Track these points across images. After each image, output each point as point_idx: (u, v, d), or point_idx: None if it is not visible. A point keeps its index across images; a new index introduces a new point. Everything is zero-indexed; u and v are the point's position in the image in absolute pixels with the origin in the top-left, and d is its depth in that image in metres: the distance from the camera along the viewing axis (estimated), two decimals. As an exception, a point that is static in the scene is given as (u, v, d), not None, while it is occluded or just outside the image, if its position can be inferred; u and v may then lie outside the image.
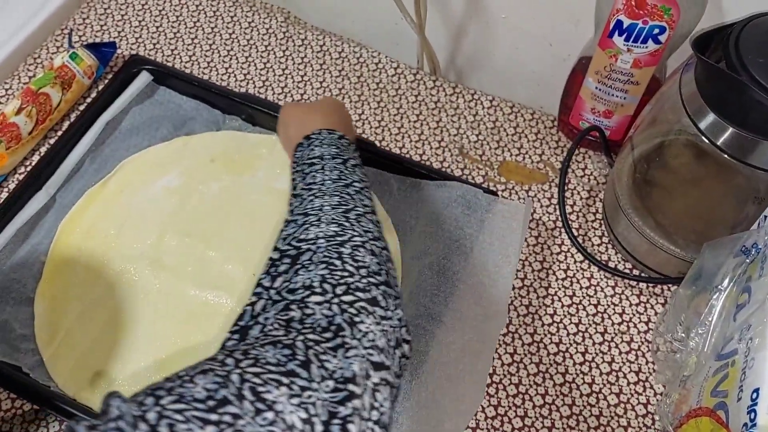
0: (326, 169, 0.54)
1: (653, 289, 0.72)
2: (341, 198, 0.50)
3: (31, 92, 0.80)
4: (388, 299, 0.44)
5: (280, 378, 0.37)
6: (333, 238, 0.46)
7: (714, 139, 0.58)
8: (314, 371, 0.38)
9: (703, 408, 0.54)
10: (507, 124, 0.83)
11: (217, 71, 0.87)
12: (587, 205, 0.77)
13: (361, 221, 0.48)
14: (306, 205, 0.50)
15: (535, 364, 0.68)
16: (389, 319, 0.43)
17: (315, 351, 0.39)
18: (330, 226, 0.47)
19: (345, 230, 0.47)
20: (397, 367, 0.43)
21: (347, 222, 0.48)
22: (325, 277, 0.43)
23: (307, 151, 0.57)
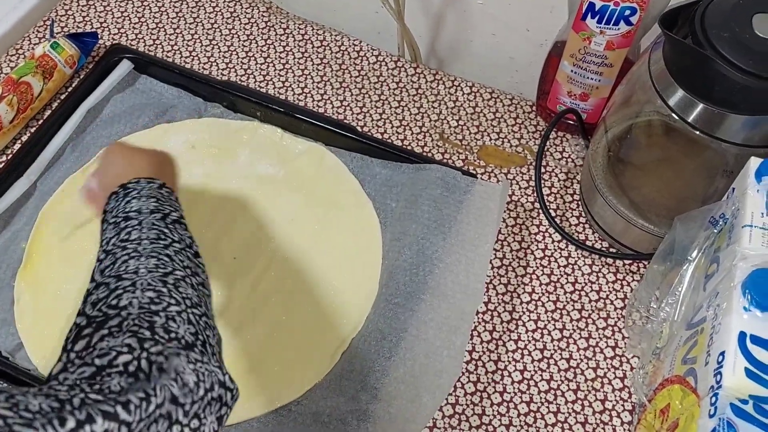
0: (144, 225, 0.48)
1: (629, 267, 0.73)
2: (159, 260, 0.46)
3: (12, 81, 0.80)
4: (205, 353, 0.41)
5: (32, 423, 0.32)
6: (147, 305, 0.42)
7: (683, 115, 0.60)
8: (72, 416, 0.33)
9: (675, 376, 0.55)
10: (486, 110, 0.84)
11: (199, 60, 0.88)
12: (564, 186, 0.78)
13: (179, 287, 0.44)
14: (119, 267, 0.45)
15: (514, 341, 0.69)
16: (205, 363, 0.40)
17: (88, 400, 0.34)
18: (146, 292, 0.43)
19: (161, 297, 0.43)
20: (210, 413, 0.39)
21: (164, 287, 0.44)
22: (131, 345, 0.39)
23: (123, 203, 0.51)
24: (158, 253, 0.46)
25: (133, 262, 0.45)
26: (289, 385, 0.65)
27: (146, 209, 0.50)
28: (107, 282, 0.44)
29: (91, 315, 0.42)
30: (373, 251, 0.72)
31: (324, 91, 0.85)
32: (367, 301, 0.69)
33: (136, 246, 0.47)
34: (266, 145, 0.80)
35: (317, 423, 0.62)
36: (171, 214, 0.51)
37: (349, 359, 0.66)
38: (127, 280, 0.44)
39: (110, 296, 0.43)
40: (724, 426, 0.43)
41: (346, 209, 0.75)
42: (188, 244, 0.50)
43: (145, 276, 0.44)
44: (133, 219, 0.49)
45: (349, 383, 0.64)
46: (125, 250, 0.46)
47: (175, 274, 0.45)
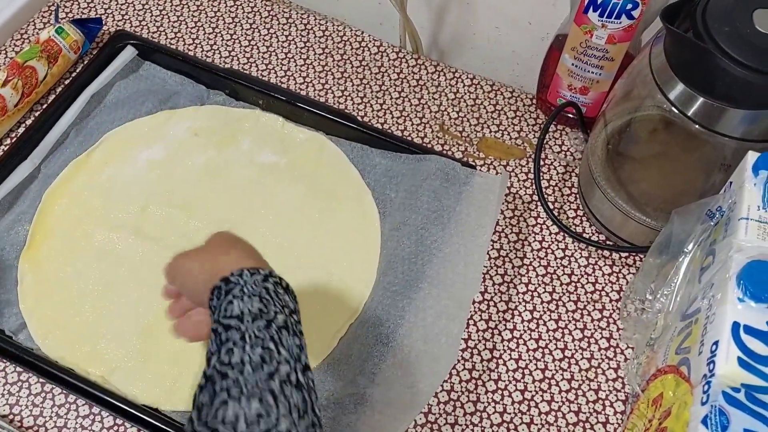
0: (247, 340, 0.43)
1: (626, 260, 0.74)
2: (261, 404, 0.40)
3: (17, 65, 0.81)
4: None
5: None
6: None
7: (683, 109, 0.60)
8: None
9: (669, 366, 0.56)
10: (487, 102, 0.85)
11: (202, 48, 0.88)
12: (563, 179, 0.79)
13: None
14: (217, 412, 0.40)
15: (509, 331, 0.69)
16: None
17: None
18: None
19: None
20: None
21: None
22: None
23: (225, 302, 0.45)
24: (261, 390, 0.41)
25: (232, 408, 0.40)
26: (287, 369, 0.66)
27: (249, 314, 0.44)
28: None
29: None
30: (372, 240, 0.73)
31: (325, 80, 0.86)
32: (366, 288, 0.70)
33: (237, 376, 0.41)
34: (268, 133, 0.80)
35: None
36: (277, 317, 0.45)
37: (347, 344, 0.66)
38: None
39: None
40: (715, 413, 0.44)
41: (346, 199, 0.76)
42: (296, 355, 0.44)
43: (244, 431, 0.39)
44: (235, 329, 0.44)
45: (347, 368, 0.65)
46: (225, 381, 0.41)
47: (278, 426, 0.40)
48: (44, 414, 0.65)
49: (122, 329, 0.69)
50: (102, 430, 0.65)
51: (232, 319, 0.44)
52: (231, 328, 0.44)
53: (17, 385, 0.66)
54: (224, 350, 0.43)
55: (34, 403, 0.66)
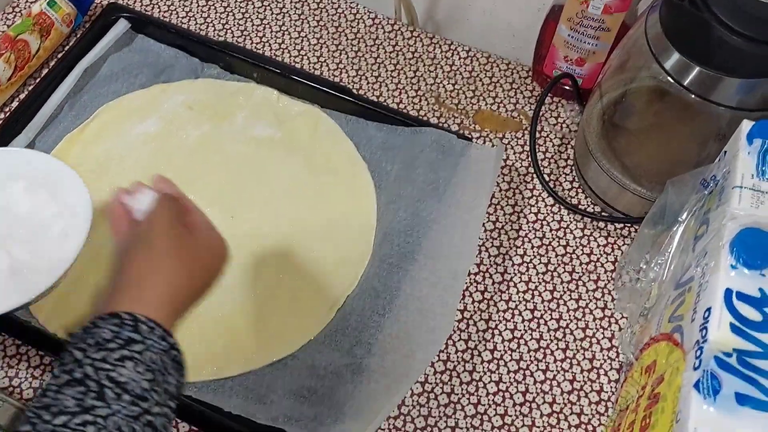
0: (109, 425, 0.38)
1: (621, 231, 0.74)
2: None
3: (10, 39, 0.80)
4: None
5: None
6: None
7: (678, 79, 0.60)
8: None
9: (662, 334, 0.56)
10: (483, 75, 0.84)
11: (195, 21, 0.88)
12: (559, 152, 0.79)
13: None
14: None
15: (505, 302, 0.70)
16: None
17: None
18: None
19: None
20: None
21: None
22: None
23: (118, 351, 0.41)
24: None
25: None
26: (285, 340, 0.66)
27: (131, 391, 0.40)
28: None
29: None
30: (368, 213, 0.73)
31: (320, 53, 0.85)
32: (362, 260, 0.70)
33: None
34: (263, 106, 0.80)
35: (313, 376, 0.63)
36: (152, 409, 0.40)
37: (344, 316, 0.67)
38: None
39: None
40: (707, 377, 0.45)
41: (341, 171, 0.76)
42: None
43: None
44: (106, 403, 0.39)
45: (344, 338, 0.65)
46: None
47: None
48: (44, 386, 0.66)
49: (120, 302, 0.69)
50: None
51: (113, 386, 0.39)
52: (103, 399, 0.39)
53: (16, 358, 0.67)
54: (80, 420, 0.38)
55: (33, 376, 0.66)
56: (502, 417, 0.64)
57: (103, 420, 0.38)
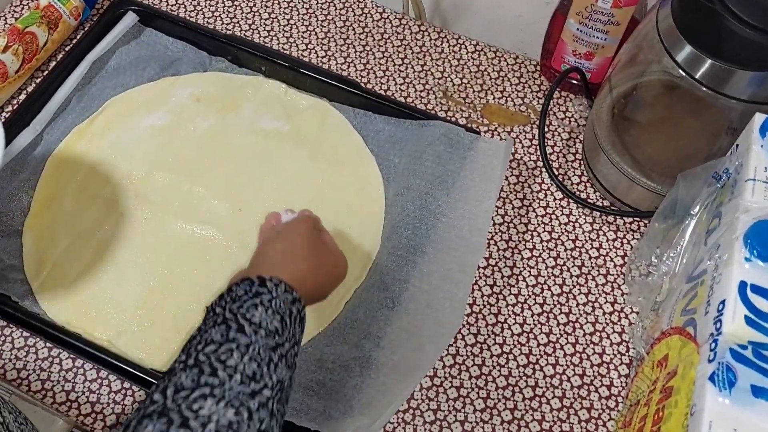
0: (250, 352, 0.44)
1: (630, 225, 0.74)
2: (237, 414, 0.41)
3: (18, 31, 0.80)
4: None
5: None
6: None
7: (690, 72, 0.60)
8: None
9: (674, 328, 0.56)
10: (491, 68, 0.84)
11: (203, 15, 0.87)
12: (567, 146, 0.79)
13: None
14: (196, 401, 0.41)
15: (514, 296, 0.70)
16: None
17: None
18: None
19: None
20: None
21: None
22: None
23: (250, 302, 0.47)
24: (241, 402, 0.42)
25: (208, 405, 0.41)
26: (293, 333, 0.66)
27: (264, 329, 0.46)
28: (171, 415, 0.40)
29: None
30: (376, 206, 0.73)
31: (328, 47, 0.85)
32: (370, 253, 0.70)
33: (226, 378, 0.42)
34: (271, 99, 0.80)
35: (322, 369, 0.63)
36: (284, 344, 0.47)
37: (353, 309, 0.67)
38: (197, 422, 0.40)
39: None
40: (723, 369, 0.44)
41: (349, 164, 0.76)
42: (282, 387, 0.45)
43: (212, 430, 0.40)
44: (246, 335, 0.45)
45: (353, 332, 0.65)
46: (213, 377, 0.42)
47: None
48: (52, 378, 0.66)
49: (127, 294, 0.69)
50: (110, 394, 0.65)
51: (248, 323, 0.46)
52: (243, 332, 0.45)
53: (24, 350, 0.67)
54: (225, 348, 0.44)
55: (41, 368, 0.66)
56: (512, 411, 0.64)
57: (245, 348, 0.44)
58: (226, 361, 0.43)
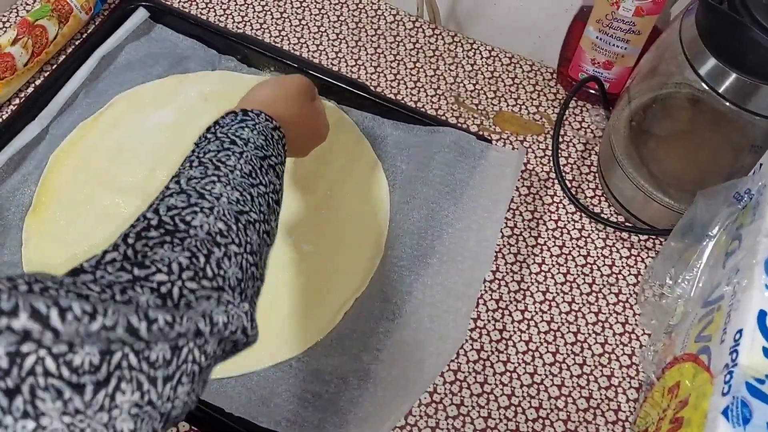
0: (244, 157, 0.49)
1: (645, 243, 0.71)
2: (242, 195, 0.46)
3: (27, 24, 0.79)
4: (239, 298, 0.42)
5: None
6: (214, 235, 0.43)
7: (714, 85, 0.57)
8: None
9: (687, 354, 0.53)
10: (505, 75, 0.82)
11: (215, 12, 0.86)
12: (582, 158, 0.76)
13: (248, 229, 0.45)
14: (206, 185, 0.45)
15: (520, 312, 0.67)
16: (236, 306, 0.41)
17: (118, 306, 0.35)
18: (218, 222, 0.43)
19: (229, 233, 0.43)
20: (219, 350, 0.40)
21: (235, 224, 0.44)
22: (181, 265, 0.40)
23: (236, 126, 0.51)
24: (244, 189, 0.47)
25: (219, 187, 0.45)
26: (291, 341, 0.64)
27: (253, 144, 0.50)
28: (189, 193, 0.44)
29: (164, 219, 0.42)
30: (381, 213, 0.71)
31: (339, 49, 0.83)
32: (372, 262, 0.68)
33: (228, 172, 0.47)
34: (279, 100, 0.78)
35: (318, 380, 0.61)
36: (271, 157, 0.51)
37: (353, 319, 0.65)
38: (207, 201, 0.44)
39: (186, 210, 0.43)
40: (737, 404, 0.42)
41: (355, 170, 0.74)
42: (274, 189, 0.50)
43: (225, 205, 0.44)
44: (238, 146, 0.49)
45: (352, 343, 0.63)
46: (217, 171, 0.47)
47: (249, 215, 0.46)
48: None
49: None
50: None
51: (239, 139, 0.49)
52: (235, 143, 0.49)
53: None
54: (223, 153, 0.48)
55: None
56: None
57: (239, 154, 0.48)
58: (227, 160, 0.48)
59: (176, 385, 0.35)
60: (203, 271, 0.40)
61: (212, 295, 0.40)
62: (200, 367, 0.37)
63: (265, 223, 0.47)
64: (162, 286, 0.37)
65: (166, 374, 0.35)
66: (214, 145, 0.49)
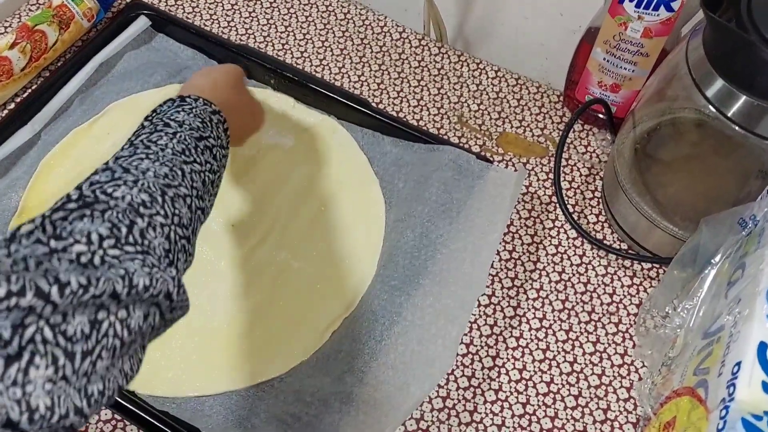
0: (177, 137, 0.48)
1: (648, 272, 0.68)
2: (171, 171, 0.45)
3: (27, 28, 0.78)
4: (162, 260, 0.40)
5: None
6: (136, 206, 0.41)
7: (721, 108, 0.55)
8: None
9: (685, 388, 0.50)
10: (510, 96, 0.80)
11: (219, 24, 0.85)
12: (586, 182, 0.74)
13: (176, 202, 0.44)
14: (133, 161, 0.44)
15: (515, 338, 0.64)
16: (161, 270, 0.39)
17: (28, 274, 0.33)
18: (141, 194, 0.41)
19: (154, 204, 0.42)
20: (140, 309, 0.38)
21: (161, 197, 0.43)
22: (101, 235, 0.38)
23: (173, 110, 0.51)
24: (174, 165, 0.46)
25: (146, 163, 0.44)
26: (273, 360, 0.62)
27: (188, 126, 0.49)
28: (114, 170, 0.43)
29: (84, 193, 0.41)
30: (375, 231, 0.69)
31: (342, 64, 0.82)
32: (363, 281, 0.65)
33: (158, 151, 0.46)
34: (277, 113, 0.77)
35: (299, 401, 0.59)
36: (209, 138, 0.50)
37: (339, 339, 0.62)
38: (131, 175, 0.43)
39: (109, 183, 0.42)
40: (732, 442, 0.39)
41: (351, 186, 0.72)
42: (210, 169, 0.49)
43: (151, 179, 0.43)
44: (171, 128, 0.48)
45: (336, 364, 0.60)
46: (147, 150, 0.46)
47: (178, 189, 0.45)
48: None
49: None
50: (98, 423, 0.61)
51: (172, 121, 0.49)
52: (169, 125, 0.48)
53: None
54: (155, 135, 0.48)
55: None
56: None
57: (172, 134, 0.48)
58: (158, 141, 0.47)
59: (96, 360, 0.34)
60: (126, 238, 0.39)
61: (136, 258, 0.38)
62: (122, 342, 0.36)
63: (198, 199, 0.46)
64: (82, 256, 0.36)
65: (85, 348, 0.33)
66: (146, 129, 0.49)
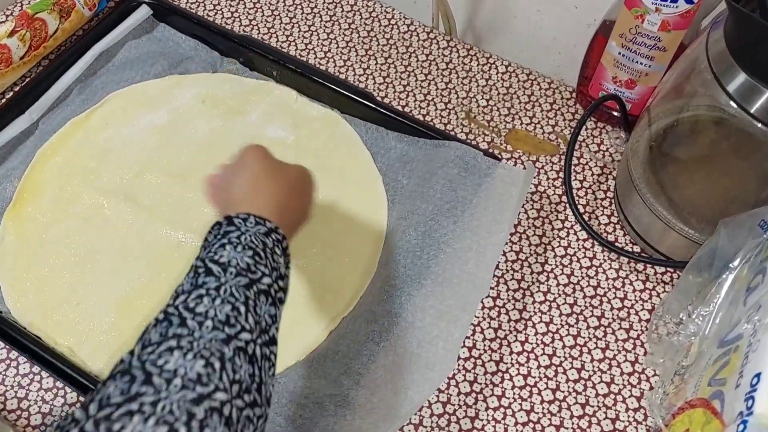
0: (221, 294, 0.40)
1: (662, 276, 0.65)
2: (206, 366, 0.37)
3: (27, 16, 0.77)
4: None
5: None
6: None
7: (743, 104, 0.52)
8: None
9: (699, 399, 0.47)
10: (521, 92, 0.77)
11: (222, 14, 0.83)
12: (598, 182, 0.71)
13: (205, 427, 0.34)
14: (161, 356, 0.37)
15: (520, 343, 0.62)
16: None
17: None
18: (159, 427, 0.34)
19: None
20: None
21: (185, 427, 0.34)
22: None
23: (217, 244, 0.43)
24: (211, 354, 0.37)
25: (174, 360, 0.36)
26: (267, 360, 0.59)
27: (234, 267, 0.42)
28: (134, 372, 0.36)
29: (91, 416, 0.34)
30: (377, 229, 0.66)
31: (348, 57, 0.80)
32: (363, 280, 0.63)
33: (196, 326, 0.38)
34: (279, 107, 0.75)
35: (292, 403, 0.56)
36: (262, 279, 0.42)
37: (336, 339, 0.60)
38: (152, 388, 0.35)
39: (123, 405, 0.34)
40: (750, 460, 0.36)
41: (354, 182, 0.69)
42: (265, 327, 0.41)
43: (175, 394, 0.35)
44: (215, 277, 0.41)
45: (333, 365, 0.58)
46: (181, 328, 0.38)
47: (212, 398, 0.35)
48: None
49: (98, 300, 0.63)
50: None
51: (216, 265, 0.42)
52: (211, 274, 0.42)
53: (28, 378, 0.61)
54: (195, 295, 0.41)
55: (44, 399, 0.60)
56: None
57: (215, 291, 0.40)
58: (195, 308, 0.40)
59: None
60: None
61: None
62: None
63: (237, 398, 0.37)
64: None
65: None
66: (188, 282, 0.42)
